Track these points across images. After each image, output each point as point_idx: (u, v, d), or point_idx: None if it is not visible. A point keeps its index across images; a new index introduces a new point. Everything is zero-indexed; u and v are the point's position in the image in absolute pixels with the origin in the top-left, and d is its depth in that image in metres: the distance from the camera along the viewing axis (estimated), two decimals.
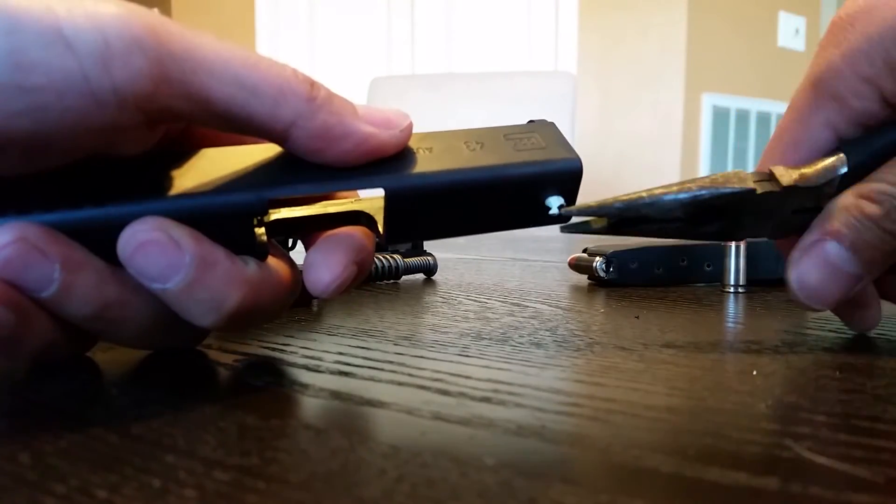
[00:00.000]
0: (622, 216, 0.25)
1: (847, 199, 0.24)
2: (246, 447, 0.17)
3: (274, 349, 0.27)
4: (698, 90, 2.12)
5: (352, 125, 0.22)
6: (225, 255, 0.21)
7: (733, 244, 0.41)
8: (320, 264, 0.23)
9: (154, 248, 0.20)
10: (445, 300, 0.38)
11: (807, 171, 0.25)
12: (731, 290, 0.41)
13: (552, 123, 0.26)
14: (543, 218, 0.25)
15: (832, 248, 0.24)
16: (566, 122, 1.61)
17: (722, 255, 0.42)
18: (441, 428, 0.18)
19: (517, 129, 0.26)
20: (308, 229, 0.25)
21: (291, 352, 0.26)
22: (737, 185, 0.25)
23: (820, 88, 0.25)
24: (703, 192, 0.25)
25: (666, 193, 0.25)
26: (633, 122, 2.11)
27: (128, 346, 0.24)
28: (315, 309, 0.35)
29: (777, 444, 0.17)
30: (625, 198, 0.25)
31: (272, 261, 0.24)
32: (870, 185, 0.24)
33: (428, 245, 0.50)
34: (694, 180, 0.26)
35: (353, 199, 0.25)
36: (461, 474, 0.15)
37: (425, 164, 0.23)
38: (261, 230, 0.23)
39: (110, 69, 0.18)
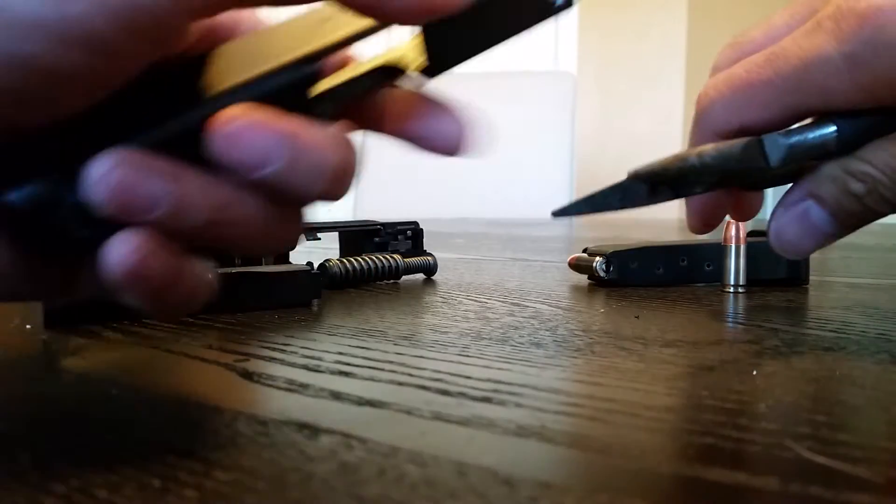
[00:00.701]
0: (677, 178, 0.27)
1: (836, 170, 0.26)
2: (246, 447, 0.17)
3: (274, 349, 0.27)
4: (698, 90, 2.12)
5: None
6: (302, 122, 0.21)
7: (733, 244, 0.41)
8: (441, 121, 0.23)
9: (247, 134, 0.20)
10: (445, 300, 0.38)
11: (796, 142, 0.26)
12: (731, 290, 0.41)
13: None
14: (550, 10, 0.25)
15: (814, 210, 0.26)
16: (566, 122, 1.61)
17: (722, 255, 0.42)
18: (441, 428, 0.18)
19: None
20: (349, 94, 0.24)
21: (291, 352, 0.26)
22: (756, 162, 0.26)
23: (809, 78, 0.25)
24: (733, 164, 0.26)
25: (703, 155, 0.26)
26: (632, 122, 2.11)
27: (244, 251, 0.23)
28: (315, 309, 0.35)
29: (777, 444, 0.17)
30: (674, 162, 0.26)
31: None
32: (857, 164, 0.25)
33: (428, 245, 0.50)
34: (716, 146, 0.26)
35: (383, 52, 0.25)
36: (461, 474, 0.15)
37: None
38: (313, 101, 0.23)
39: None
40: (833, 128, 0.25)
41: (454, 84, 0.27)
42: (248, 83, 0.21)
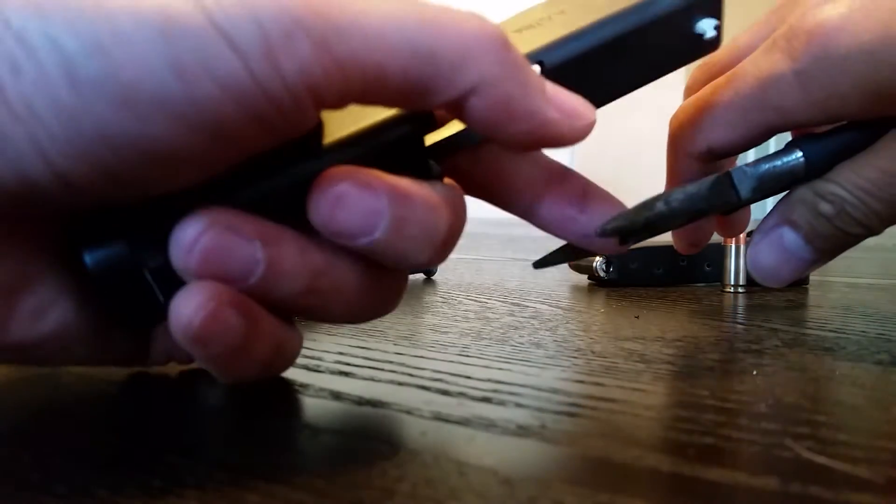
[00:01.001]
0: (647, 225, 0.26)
1: (806, 193, 0.26)
2: (246, 447, 0.17)
3: None
4: None
5: (537, 104, 0.19)
6: (413, 183, 0.19)
7: (733, 244, 0.41)
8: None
9: (350, 198, 0.18)
10: (445, 300, 0.38)
11: (765, 172, 0.26)
12: (731, 290, 0.41)
13: None
14: (700, 46, 0.23)
15: (788, 236, 0.26)
16: None
17: (722, 255, 0.42)
18: (441, 428, 0.18)
19: None
20: (461, 146, 0.22)
21: None
22: (727, 198, 0.26)
23: (765, 97, 0.25)
24: (703, 204, 0.25)
25: (672, 201, 0.25)
26: (633, 122, 2.11)
27: (338, 321, 0.21)
28: None
29: (777, 444, 0.17)
30: (641, 212, 0.25)
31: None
32: (825, 185, 0.25)
33: None
34: (684, 189, 0.26)
35: None
36: (461, 474, 0.15)
37: (569, 25, 0.21)
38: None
39: (277, 62, 0.15)
40: (799, 153, 0.25)
41: None
42: (354, 137, 0.19)
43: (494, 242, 0.81)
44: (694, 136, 0.27)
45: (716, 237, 0.43)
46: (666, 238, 0.44)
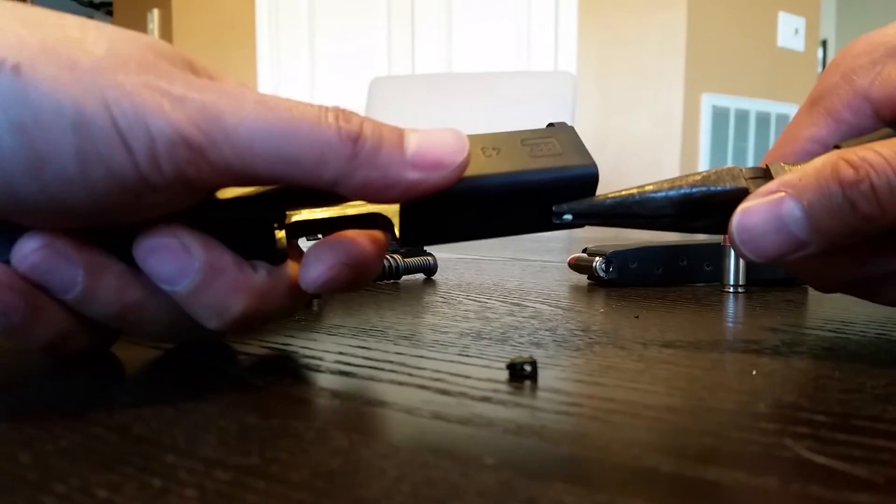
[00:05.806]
0: (613, 213, 0.26)
1: (828, 157, 0.23)
2: (246, 447, 0.17)
3: (274, 349, 0.27)
4: (698, 90, 2.12)
5: (395, 176, 0.21)
6: (233, 262, 0.22)
7: None
8: (313, 262, 0.23)
9: (166, 252, 0.21)
10: (445, 300, 0.38)
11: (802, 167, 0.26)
12: (731, 290, 0.41)
13: (571, 127, 0.26)
14: (557, 224, 0.25)
15: (788, 205, 0.23)
16: (566, 122, 1.61)
17: (722, 255, 0.42)
18: (441, 428, 0.18)
19: (535, 134, 0.25)
20: (327, 230, 0.26)
21: (291, 352, 0.26)
22: (729, 184, 0.25)
23: (817, 106, 0.27)
24: (695, 190, 0.25)
25: (657, 191, 0.26)
26: (632, 121, 2.11)
27: (148, 340, 0.25)
28: (315, 309, 0.35)
29: (777, 444, 0.17)
30: (615, 195, 0.26)
31: (288, 264, 0.24)
32: (856, 150, 0.23)
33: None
34: (686, 177, 0.26)
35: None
36: (461, 474, 0.15)
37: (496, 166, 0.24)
38: (280, 233, 0.24)
39: (159, 163, 0.20)
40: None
41: (455, 84, 0.27)
42: (206, 203, 0.22)
43: (494, 242, 0.81)
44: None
45: (715, 237, 0.43)
46: (665, 238, 0.44)
